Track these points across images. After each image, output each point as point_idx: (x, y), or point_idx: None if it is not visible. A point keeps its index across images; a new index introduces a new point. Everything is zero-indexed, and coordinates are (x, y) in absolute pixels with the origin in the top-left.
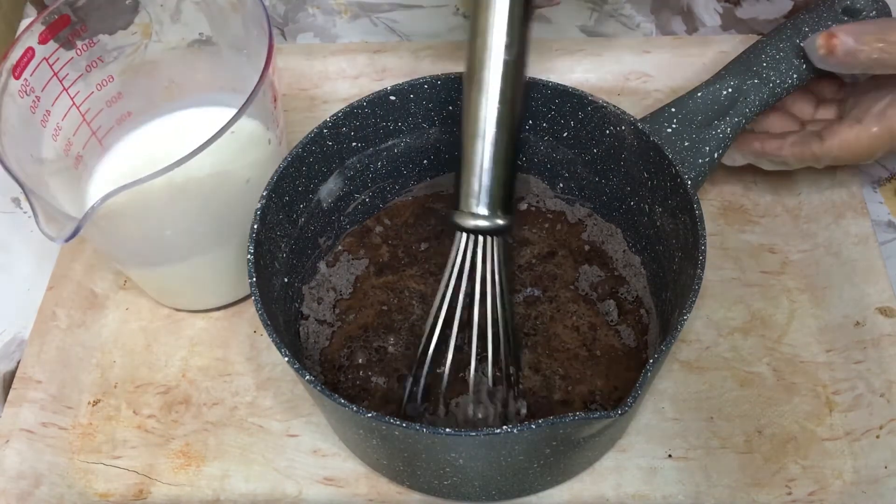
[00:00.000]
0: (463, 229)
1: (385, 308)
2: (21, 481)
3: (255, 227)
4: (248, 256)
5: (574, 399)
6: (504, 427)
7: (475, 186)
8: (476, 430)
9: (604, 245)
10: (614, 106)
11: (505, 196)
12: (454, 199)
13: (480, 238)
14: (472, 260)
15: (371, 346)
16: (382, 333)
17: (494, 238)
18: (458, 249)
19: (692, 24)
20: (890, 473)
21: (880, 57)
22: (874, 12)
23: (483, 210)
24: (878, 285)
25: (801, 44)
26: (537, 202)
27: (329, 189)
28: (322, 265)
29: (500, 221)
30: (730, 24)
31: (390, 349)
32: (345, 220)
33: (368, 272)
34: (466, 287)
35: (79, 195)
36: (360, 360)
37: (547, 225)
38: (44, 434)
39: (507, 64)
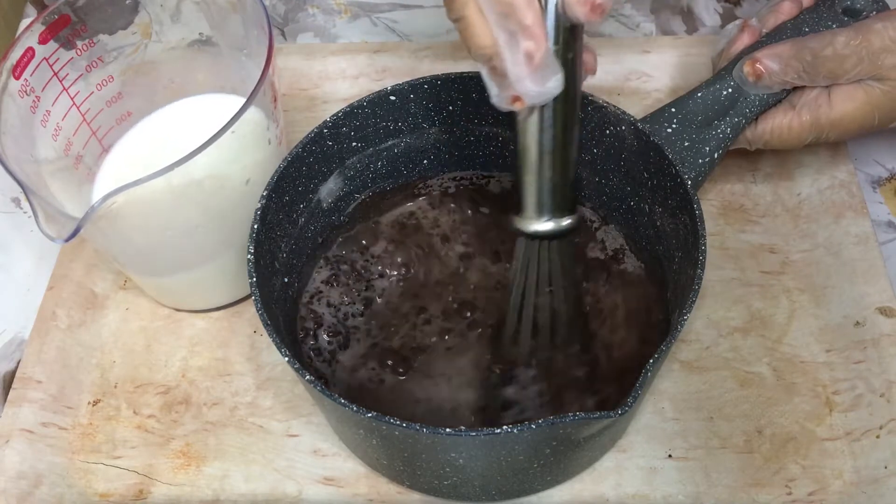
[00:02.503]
0: (525, 235)
1: (385, 307)
2: (21, 481)
3: (256, 227)
4: (248, 256)
5: (574, 399)
6: (504, 427)
7: (533, 192)
8: (476, 430)
9: (604, 245)
10: (614, 106)
11: (565, 198)
12: (517, 204)
13: (544, 242)
14: (537, 261)
15: (371, 345)
16: (383, 332)
17: (556, 241)
18: (521, 252)
19: (692, 24)
20: (890, 473)
21: (807, 75)
22: (874, 12)
23: (544, 215)
24: (878, 285)
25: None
26: None
27: (329, 189)
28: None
29: (560, 224)
30: (730, 23)
31: (391, 348)
32: (345, 220)
33: (370, 271)
34: (533, 287)
35: (79, 195)
36: (360, 359)
37: None
38: (44, 434)
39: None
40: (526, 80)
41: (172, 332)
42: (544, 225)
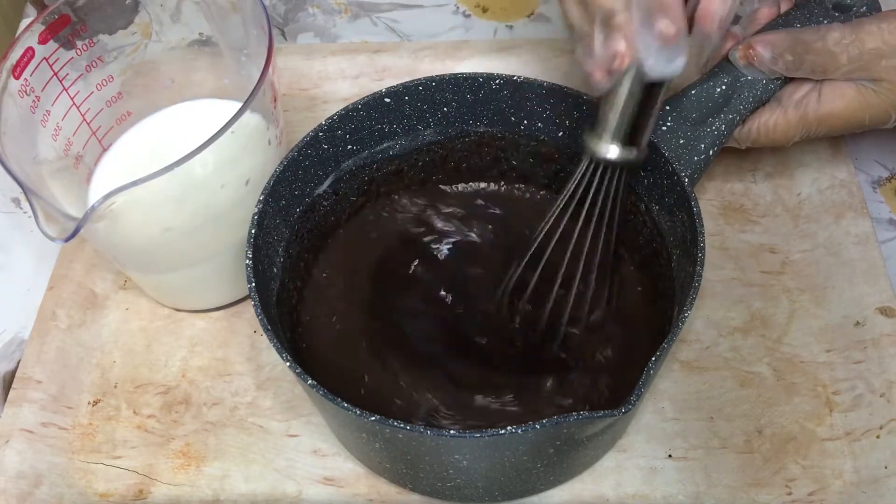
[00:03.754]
0: (592, 155)
1: (385, 307)
2: (21, 481)
3: (253, 231)
4: (247, 262)
5: (575, 398)
6: (508, 427)
7: (610, 117)
8: (480, 432)
9: (602, 244)
10: None
11: (638, 130)
12: (593, 120)
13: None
14: (596, 185)
15: (371, 345)
16: (384, 332)
17: (620, 170)
18: (581, 171)
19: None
20: (890, 473)
21: (794, 66)
22: (864, 8)
23: (615, 141)
24: (878, 285)
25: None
26: None
27: (325, 192)
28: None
29: (628, 154)
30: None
31: (391, 347)
32: (342, 222)
33: (366, 272)
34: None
35: (79, 195)
36: (361, 360)
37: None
38: (44, 434)
39: None
40: (652, 55)
41: (172, 332)
42: (614, 151)
